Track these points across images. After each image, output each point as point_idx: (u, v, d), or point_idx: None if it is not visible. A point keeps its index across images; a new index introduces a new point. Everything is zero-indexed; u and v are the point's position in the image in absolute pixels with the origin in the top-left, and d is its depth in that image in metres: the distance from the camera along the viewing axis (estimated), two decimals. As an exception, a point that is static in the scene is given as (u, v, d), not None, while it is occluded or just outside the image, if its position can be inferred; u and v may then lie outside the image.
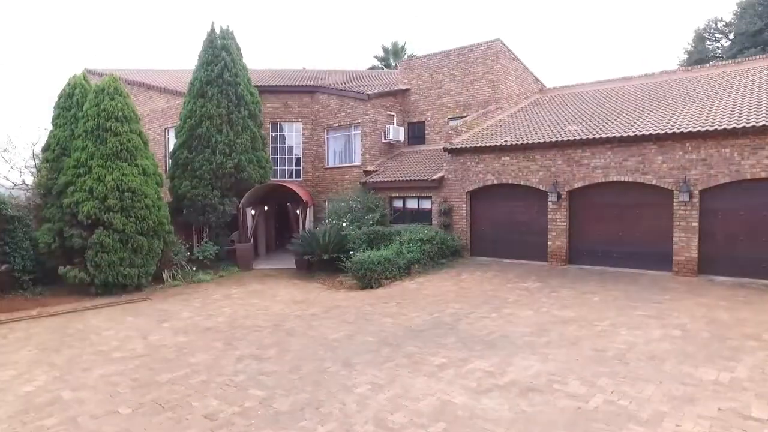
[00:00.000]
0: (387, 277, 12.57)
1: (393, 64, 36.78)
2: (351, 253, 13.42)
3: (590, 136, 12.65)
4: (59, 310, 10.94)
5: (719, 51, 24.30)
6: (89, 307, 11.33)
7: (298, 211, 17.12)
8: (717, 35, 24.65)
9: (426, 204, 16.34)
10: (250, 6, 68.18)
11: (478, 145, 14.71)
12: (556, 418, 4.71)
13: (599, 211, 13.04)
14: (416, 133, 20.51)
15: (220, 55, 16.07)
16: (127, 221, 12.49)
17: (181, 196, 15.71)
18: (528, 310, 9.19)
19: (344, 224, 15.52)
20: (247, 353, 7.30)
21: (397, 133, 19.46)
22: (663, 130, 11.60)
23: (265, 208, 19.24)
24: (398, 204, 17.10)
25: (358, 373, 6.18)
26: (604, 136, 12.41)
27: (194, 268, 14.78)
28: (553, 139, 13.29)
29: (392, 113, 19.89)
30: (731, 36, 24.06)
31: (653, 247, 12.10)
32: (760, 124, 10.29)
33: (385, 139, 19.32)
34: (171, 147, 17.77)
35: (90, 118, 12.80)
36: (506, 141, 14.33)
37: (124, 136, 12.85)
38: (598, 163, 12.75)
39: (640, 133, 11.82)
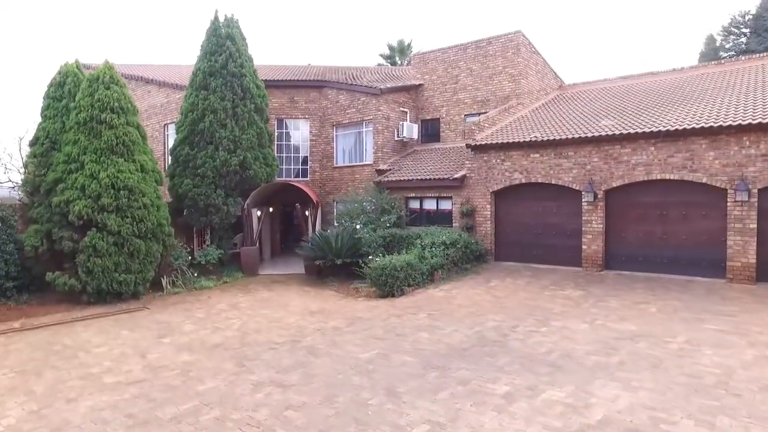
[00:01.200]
0: (410, 284, 11.43)
1: (399, 62, 35.80)
2: (370, 257, 12.27)
3: (631, 131, 11.58)
4: (45, 322, 9.72)
5: (743, 45, 23.32)
6: (79, 317, 10.13)
7: (307, 213, 15.98)
8: (743, 30, 23.69)
9: (446, 205, 15.22)
10: (251, 5, 67.15)
11: (504, 141, 13.62)
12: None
13: (640, 212, 11.95)
14: (430, 131, 19.44)
15: (224, 44, 14.94)
16: (123, 222, 11.31)
17: (182, 195, 14.53)
18: (580, 322, 8.07)
19: (358, 226, 14.38)
20: (265, 378, 6.13)
21: (410, 130, 18.36)
22: (717, 122, 10.53)
23: (270, 209, 18.09)
24: (415, 205, 15.98)
25: (408, 406, 5.03)
26: (647, 130, 11.34)
27: (195, 274, 13.60)
28: (589, 135, 12.21)
29: (405, 109, 18.82)
30: (753, 30, 23.16)
31: (702, 252, 11.03)
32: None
33: (398, 137, 18.22)
34: (170, 144, 16.61)
35: (83, 109, 11.62)
36: (536, 137, 13.24)
37: (121, 129, 11.68)
38: (639, 159, 11.67)
39: (690, 127, 10.75)
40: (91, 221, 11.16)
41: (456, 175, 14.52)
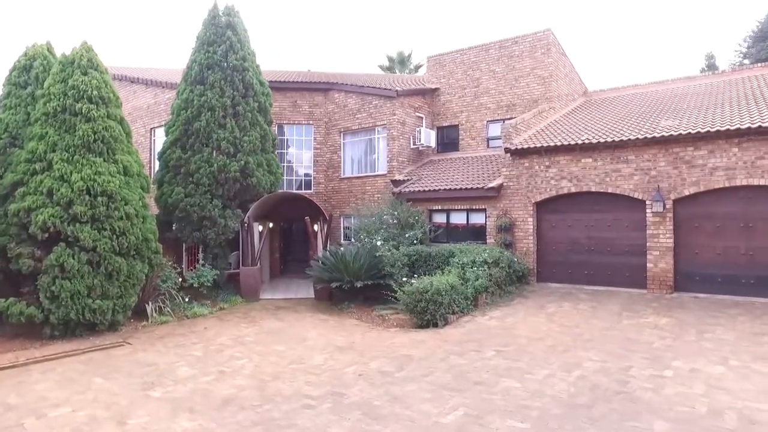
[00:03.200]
0: (453, 311, 9.41)
1: (398, 74, 34.35)
2: (404, 279, 10.24)
3: (711, 129, 9.92)
4: (-9, 366, 7.38)
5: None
6: (38, 358, 7.80)
7: (315, 227, 13.90)
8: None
9: (478, 218, 13.32)
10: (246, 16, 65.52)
11: (550, 144, 11.86)
12: None
13: (717, 225, 10.22)
14: (446, 139, 17.70)
15: (224, 33, 13.04)
16: (100, 236, 9.11)
17: (172, 206, 12.35)
18: (709, 363, 6.14)
19: (379, 243, 12.35)
20: (316, 464, 4.01)
21: (428, 137, 16.60)
22: (820, 116, 8.94)
23: (270, 224, 15.95)
24: (440, 219, 14.05)
25: None
26: (731, 127, 9.69)
27: (187, 299, 11.36)
28: (657, 135, 10.52)
29: (421, 115, 17.07)
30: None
31: (801, 271, 9.30)
32: None
33: (414, 144, 16.42)
34: (158, 151, 14.45)
35: (53, 98, 9.51)
36: (588, 139, 11.53)
37: (100, 123, 9.57)
38: (718, 163, 10.00)
39: (787, 122, 9.14)
40: (58, 234, 8.94)
41: (491, 184, 12.67)
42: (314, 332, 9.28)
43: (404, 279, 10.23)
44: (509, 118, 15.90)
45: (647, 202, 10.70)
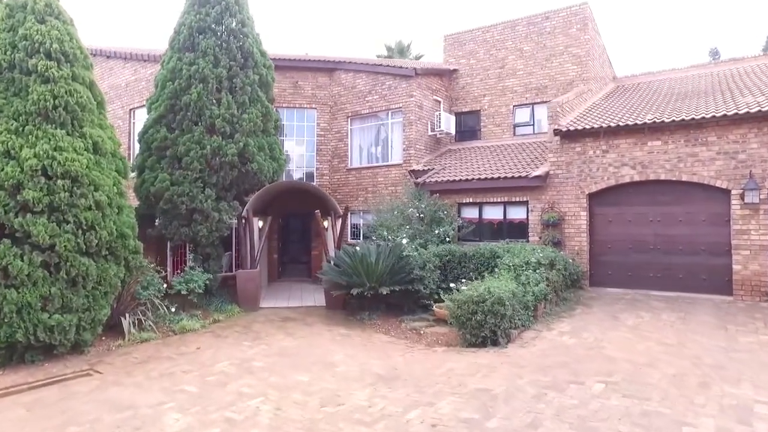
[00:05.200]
0: (515, 325, 7.49)
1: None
2: (452, 285, 8.30)
3: (818, 101, 8.24)
4: None
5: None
6: (-32, 397, 5.62)
7: (326, 224, 11.85)
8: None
9: (517, 213, 11.46)
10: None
11: (610, 125, 10.05)
12: None
13: (819, 219, 8.54)
14: (464, 127, 15.87)
15: (219, -8, 10.94)
16: (61, 231, 6.97)
17: (155, 196, 10.19)
18: None
19: (404, 242, 10.40)
20: None
21: (448, 122, 14.73)
22: None
23: (269, 220, 13.86)
24: (471, 213, 12.14)
25: None
26: None
27: (173, 309, 9.23)
28: (751, 110, 8.78)
29: (438, 99, 15.18)
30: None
31: None
32: None
33: (432, 131, 14.53)
34: (139, 131, 12.23)
35: (-1, 51, 7.36)
36: (655, 118, 9.75)
37: (62, 85, 7.41)
38: (827, 143, 8.33)
39: None
40: (2, 228, 6.77)
41: (536, 173, 10.81)
42: (340, 353, 7.26)
43: (451, 285, 8.27)
44: (539, 102, 14.22)
45: (733, 192, 8.97)
